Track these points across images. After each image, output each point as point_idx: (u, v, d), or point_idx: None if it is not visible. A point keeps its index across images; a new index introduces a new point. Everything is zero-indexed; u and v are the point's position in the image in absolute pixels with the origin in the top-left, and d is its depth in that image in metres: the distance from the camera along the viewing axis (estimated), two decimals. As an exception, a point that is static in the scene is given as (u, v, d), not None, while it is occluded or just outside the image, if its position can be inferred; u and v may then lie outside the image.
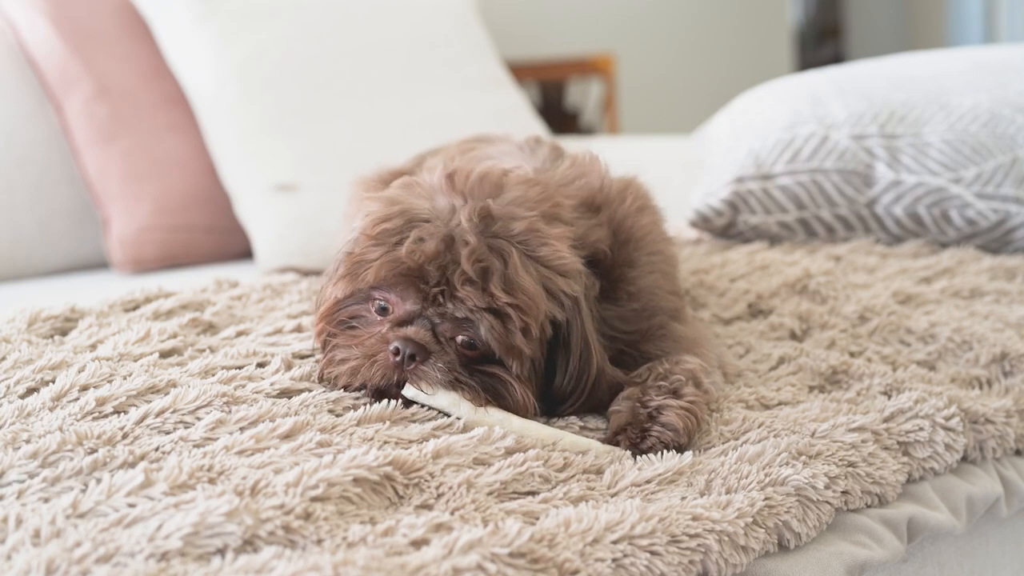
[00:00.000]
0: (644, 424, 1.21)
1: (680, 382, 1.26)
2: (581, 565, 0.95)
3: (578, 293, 1.25)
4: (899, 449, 1.24)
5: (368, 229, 1.25)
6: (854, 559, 1.11)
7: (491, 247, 1.21)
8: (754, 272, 1.82)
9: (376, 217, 1.26)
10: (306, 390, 1.27)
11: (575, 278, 1.25)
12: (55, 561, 0.89)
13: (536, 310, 1.20)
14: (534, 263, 1.22)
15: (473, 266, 1.19)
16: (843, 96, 2.14)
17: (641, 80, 4.62)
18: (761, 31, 5.16)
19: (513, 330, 1.20)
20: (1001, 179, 1.96)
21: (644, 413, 1.22)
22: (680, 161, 2.54)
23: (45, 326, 1.52)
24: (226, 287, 1.73)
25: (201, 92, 2.45)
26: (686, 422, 1.21)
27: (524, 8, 4.22)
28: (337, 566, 0.88)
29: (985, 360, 1.47)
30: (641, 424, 1.21)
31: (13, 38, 2.49)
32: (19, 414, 1.22)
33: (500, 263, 1.20)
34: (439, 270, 1.20)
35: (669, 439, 1.19)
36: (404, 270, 1.21)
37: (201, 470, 1.04)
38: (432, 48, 2.79)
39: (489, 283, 1.19)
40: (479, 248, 1.20)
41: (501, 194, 1.27)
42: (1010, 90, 2.05)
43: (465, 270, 1.19)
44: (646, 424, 1.21)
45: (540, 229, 1.24)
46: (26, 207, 2.39)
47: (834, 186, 2.05)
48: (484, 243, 1.21)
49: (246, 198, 2.40)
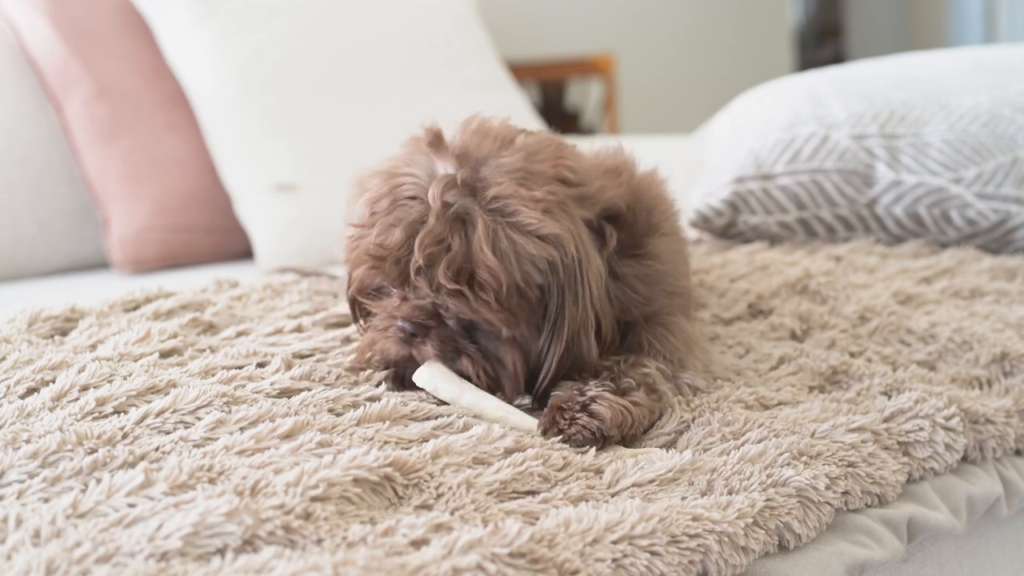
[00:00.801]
0: (576, 412, 1.22)
1: (630, 385, 1.27)
2: (581, 565, 0.95)
3: (556, 258, 1.25)
4: (899, 449, 1.24)
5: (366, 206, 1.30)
6: (854, 559, 1.11)
7: (455, 221, 1.23)
8: (754, 272, 1.82)
9: (370, 196, 1.30)
10: (306, 390, 1.28)
11: (554, 242, 1.25)
12: (55, 561, 0.89)
13: (497, 282, 1.22)
14: (506, 229, 1.23)
15: (423, 253, 1.22)
16: (843, 96, 2.14)
17: (641, 80, 4.62)
18: (761, 31, 5.16)
19: (477, 306, 1.23)
20: (1001, 179, 1.96)
21: (579, 401, 1.23)
22: (680, 161, 2.53)
23: (45, 326, 1.52)
24: (226, 287, 1.72)
25: (201, 92, 2.46)
26: (616, 415, 1.21)
27: (524, 8, 4.22)
28: (337, 566, 0.88)
29: (985, 360, 1.47)
30: (573, 411, 1.22)
31: (13, 38, 2.49)
32: (19, 414, 1.22)
33: (459, 240, 1.23)
34: (398, 262, 1.25)
35: (595, 427, 1.20)
36: (374, 263, 1.27)
37: (201, 470, 1.04)
38: (432, 48, 2.79)
39: (436, 270, 1.22)
40: (434, 230, 1.23)
41: (501, 154, 1.28)
42: (1010, 90, 2.05)
43: (416, 259, 1.23)
44: (577, 413, 1.21)
45: (513, 194, 1.24)
46: (26, 207, 2.39)
47: (834, 186, 2.05)
48: (445, 221, 1.23)
49: (246, 198, 2.40)
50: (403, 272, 1.25)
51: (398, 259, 1.25)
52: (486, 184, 1.25)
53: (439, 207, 1.24)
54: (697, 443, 1.22)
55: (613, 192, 1.37)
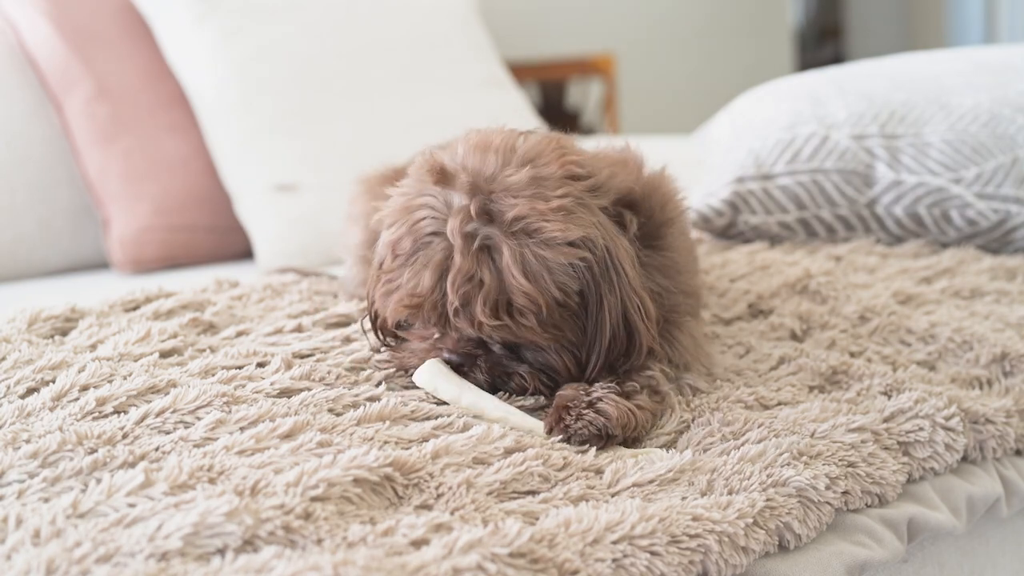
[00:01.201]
0: (582, 410, 1.22)
1: (634, 388, 1.27)
2: (581, 565, 0.95)
3: (588, 256, 1.24)
4: (899, 449, 1.24)
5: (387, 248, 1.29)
6: (854, 559, 1.11)
7: (481, 252, 1.22)
8: (754, 272, 1.82)
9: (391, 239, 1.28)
10: (306, 390, 1.28)
11: (582, 244, 1.25)
12: (55, 561, 0.89)
13: (536, 305, 1.22)
14: (532, 248, 1.23)
15: (458, 294, 1.22)
16: (843, 96, 2.14)
17: (641, 80, 4.62)
18: (761, 31, 5.16)
19: (522, 332, 1.23)
20: (1001, 179, 1.96)
21: (585, 400, 1.23)
22: (680, 161, 2.53)
23: (45, 326, 1.52)
24: (226, 287, 1.73)
25: (201, 92, 2.46)
26: (621, 414, 1.22)
27: (524, 8, 4.22)
28: (337, 566, 0.88)
29: (985, 360, 1.47)
30: (579, 408, 1.22)
31: (13, 38, 2.49)
32: (19, 414, 1.22)
33: (489, 272, 1.22)
34: (435, 307, 1.25)
35: (601, 424, 1.20)
36: (411, 311, 1.27)
37: (201, 470, 1.04)
38: (432, 48, 2.79)
39: (473, 308, 1.22)
40: (463, 268, 1.22)
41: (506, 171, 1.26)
42: (1010, 90, 2.05)
43: (452, 301, 1.23)
44: (584, 410, 1.22)
45: (531, 211, 1.23)
46: (26, 207, 2.39)
47: (834, 186, 2.05)
48: (472, 256, 1.22)
49: (246, 198, 2.40)
50: (442, 315, 1.25)
51: (434, 303, 1.25)
52: (502, 208, 1.24)
53: (461, 243, 1.23)
54: (697, 443, 1.22)
55: (624, 179, 1.37)
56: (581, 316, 1.26)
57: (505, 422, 1.22)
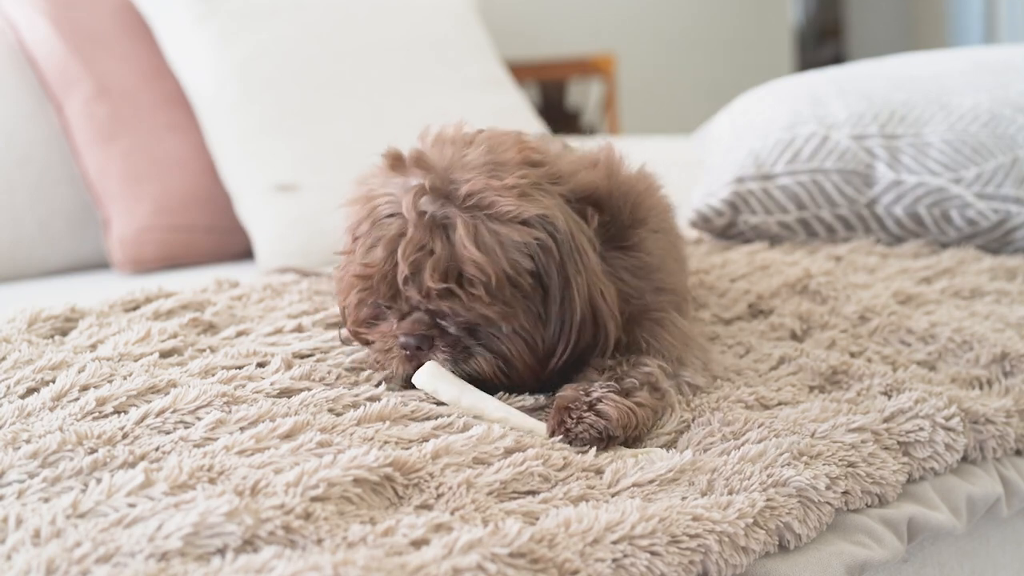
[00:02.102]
0: (583, 412, 1.22)
1: (633, 385, 1.27)
2: (581, 565, 0.95)
3: (545, 238, 1.25)
4: (899, 449, 1.24)
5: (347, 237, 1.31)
6: (854, 559, 1.11)
7: (435, 226, 1.24)
8: (754, 272, 1.82)
9: (350, 224, 1.31)
10: (306, 390, 1.28)
11: (539, 224, 1.25)
12: (55, 561, 0.89)
13: (485, 275, 1.22)
14: (486, 222, 1.24)
15: (407, 261, 1.23)
16: (843, 96, 2.14)
17: (641, 80, 4.62)
18: (761, 31, 5.17)
19: (471, 303, 1.24)
20: (1002, 179, 1.96)
21: (585, 401, 1.23)
22: (680, 161, 2.53)
23: (45, 326, 1.52)
24: (226, 287, 1.73)
25: (201, 92, 2.45)
26: (623, 415, 1.22)
27: (524, 8, 4.22)
28: (337, 566, 0.88)
29: (985, 360, 1.47)
30: (580, 410, 1.22)
31: (13, 38, 2.49)
32: (19, 414, 1.22)
33: (442, 243, 1.23)
34: (385, 277, 1.26)
35: (602, 427, 1.20)
36: (362, 284, 1.28)
37: (201, 470, 1.04)
38: (432, 48, 2.79)
39: (422, 275, 1.23)
40: (415, 238, 1.24)
41: (464, 153, 1.28)
42: (1010, 90, 2.05)
43: (402, 269, 1.24)
44: (584, 412, 1.22)
45: (486, 187, 1.25)
46: (26, 207, 2.39)
47: (834, 186, 2.05)
48: (424, 228, 1.24)
49: (246, 198, 2.40)
50: (392, 286, 1.26)
51: (385, 274, 1.26)
52: (457, 184, 1.26)
53: (415, 217, 1.24)
54: (697, 443, 1.22)
55: (588, 176, 1.37)
56: (535, 301, 1.26)
57: (505, 422, 1.22)
